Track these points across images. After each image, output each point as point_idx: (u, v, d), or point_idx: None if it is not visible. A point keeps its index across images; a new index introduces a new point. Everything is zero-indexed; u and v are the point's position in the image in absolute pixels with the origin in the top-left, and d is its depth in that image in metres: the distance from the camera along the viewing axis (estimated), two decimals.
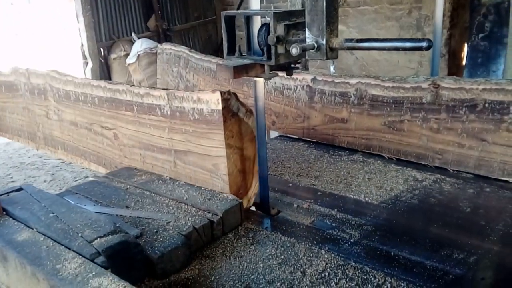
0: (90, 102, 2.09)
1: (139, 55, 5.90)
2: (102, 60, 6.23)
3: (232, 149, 1.56)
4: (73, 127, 2.30)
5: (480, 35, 4.36)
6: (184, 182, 1.76)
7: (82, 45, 5.98)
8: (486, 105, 1.79)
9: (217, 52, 7.20)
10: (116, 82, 1.91)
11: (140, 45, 6.01)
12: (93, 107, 2.09)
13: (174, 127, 1.70)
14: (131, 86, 1.82)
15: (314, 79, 2.34)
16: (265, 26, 1.35)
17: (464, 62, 4.91)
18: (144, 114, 1.80)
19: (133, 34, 6.39)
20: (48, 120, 2.49)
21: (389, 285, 1.19)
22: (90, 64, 5.93)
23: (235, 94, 1.52)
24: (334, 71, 4.52)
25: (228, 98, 1.50)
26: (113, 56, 6.24)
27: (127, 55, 6.11)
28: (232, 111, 1.53)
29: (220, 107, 1.50)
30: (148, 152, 1.86)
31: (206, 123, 1.57)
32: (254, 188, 1.65)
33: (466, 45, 4.84)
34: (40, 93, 2.48)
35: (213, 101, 1.51)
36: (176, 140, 1.72)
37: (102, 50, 6.24)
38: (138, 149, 1.90)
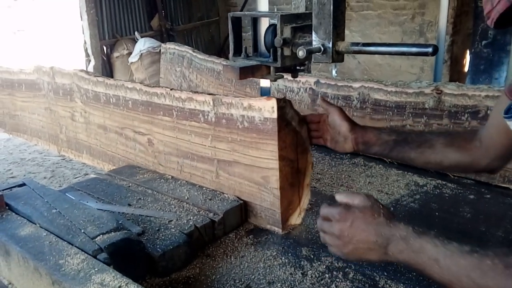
0: (123, 105, 1.97)
1: (141, 54, 5.91)
2: (105, 58, 6.24)
3: (284, 161, 1.43)
4: (102, 130, 2.16)
5: (484, 42, 4.38)
6: (186, 181, 1.77)
7: (85, 42, 6.00)
8: (489, 111, 1.80)
9: (220, 53, 7.21)
10: (153, 85, 1.80)
11: (143, 44, 6.02)
12: (125, 110, 1.96)
13: (219, 135, 1.58)
14: (171, 89, 1.70)
15: (317, 82, 2.35)
16: (271, 27, 1.36)
17: (466, 69, 4.92)
18: (185, 120, 1.68)
19: (136, 33, 6.40)
20: (73, 122, 2.37)
21: None
22: (92, 62, 5.94)
23: (289, 102, 1.43)
24: (336, 74, 4.53)
25: (283, 105, 1.40)
26: (115, 54, 6.25)
27: (129, 53, 6.13)
28: (287, 120, 1.43)
29: (275, 115, 1.38)
30: (187, 161, 1.73)
31: (257, 132, 1.46)
32: (304, 203, 1.54)
33: (468, 51, 4.85)
34: (66, 94, 2.36)
35: (267, 109, 1.41)
36: (220, 149, 1.59)
37: (105, 48, 6.26)
38: (176, 157, 1.78)
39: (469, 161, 1.27)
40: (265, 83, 1.85)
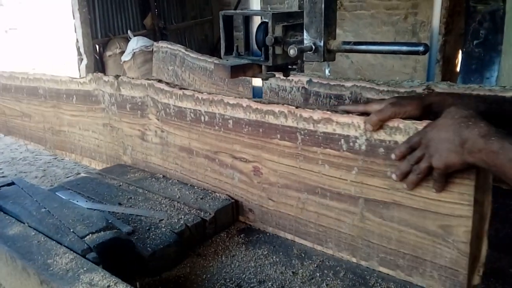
0: (220, 124, 1.58)
1: (134, 53, 5.89)
2: (97, 57, 6.21)
3: (477, 205, 1.10)
4: (185, 154, 1.74)
5: (475, 42, 4.41)
6: (177, 180, 1.75)
7: (77, 41, 5.96)
8: None
9: (213, 52, 7.20)
10: (268, 101, 1.43)
11: (136, 43, 6.00)
12: (223, 131, 1.58)
13: (370, 167, 1.22)
14: (296, 107, 1.34)
15: (309, 81, 2.35)
16: (263, 25, 1.36)
17: (458, 69, 4.95)
18: (316, 147, 1.33)
19: (129, 31, 6.38)
20: (144, 142, 1.93)
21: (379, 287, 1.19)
22: (85, 61, 5.91)
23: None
24: (329, 74, 4.53)
25: None
26: (108, 53, 6.22)
27: (122, 52, 6.10)
28: None
29: None
30: (314, 197, 1.37)
31: None
32: (483, 255, 1.18)
33: (460, 51, 4.88)
34: (135, 108, 1.92)
35: None
36: (371, 185, 1.24)
37: (97, 47, 6.23)
38: (296, 191, 1.42)
39: None
40: (257, 82, 1.85)
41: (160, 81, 1.80)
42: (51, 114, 2.55)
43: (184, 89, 1.69)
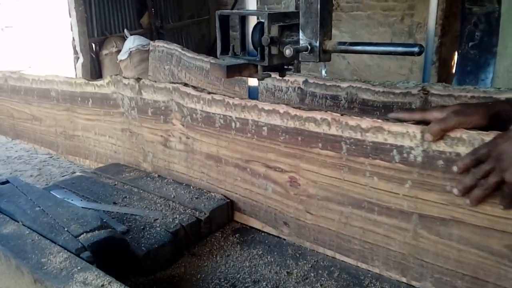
0: (253, 131, 1.49)
1: (131, 52, 5.88)
2: (94, 56, 6.19)
3: None
4: (212, 162, 1.65)
5: (470, 44, 4.42)
6: (172, 180, 1.75)
7: (73, 40, 5.94)
8: None
9: (210, 52, 7.19)
10: (309, 108, 1.35)
11: (133, 41, 5.99)
12: (256, 138, 1.48)
13: (427, 181, 1.14)
14: (341, 115, 1.26)
15: (305, 82, 2.35)
16: (259, 25, 1.36)
17: (454, 70, 4.97)
18: (364, 157, 1.24)
19: (125, 30, 6.36)
20: (166, 149, 1.82)
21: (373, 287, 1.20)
22: (81, 60, 5.90)
23: None
24: (325, 74, 4.54)
25: None
26: (104, 52, 6.21)
27: (119, 51, 6.09)
28: None
29: None
30: (359, 212, 1.29)
31: None
32: None
33: (456, 53, 4.90)
34: (158, 113, 1.82)
35: None
36: (427, 200, 1.15)
37: (93, 45, 6.21)
38: (338, 204, 1.33)
39: None
40: (253, 82, 1.85)
41: (186, 84, 1.68)
42: (64, 118, 2.43)
43: (213, 93, 1.58)
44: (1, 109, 2.99)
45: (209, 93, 1.59)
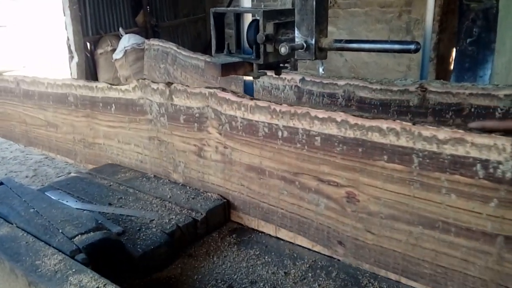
0: (303, 141, 1.35)
1: (126, 50, 5.84)
2: (88, 55, 6.15)
3: None
4: (254, 174, 1.51)
5: (468, 40, 4.41)
6: (168, 180, 1.74)
7: (68, 39, 5.90)
8: (472, 109, 1.80)
9: (206, 50, 7.17)
10: (372, 116, 1.22)
11: (128, 40, 5.95)
12: (307, 149, 1.35)
13: None
14: (413, 124, 1.15)
15: (302, 80, 2.33)
16: (254, 23, 1.34)
17: (452, 67, 4.96)
18: (440, 172, 1.11)
19: (120, 29, 6.32)
20: (200, 159, 1.68)
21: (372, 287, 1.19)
22: (75, 59, 5.85)
23: None
24: (323, 72, 4.53)
25: None
26: (99, 51, 6.17)
27: (114, 50, 6.05)
28: None
29: None
30: (432, 232, 1.15)
31: None
32: None
33: (454, 50, 4.89)
34: (191, 121, 1.67)
35: None
36: None
37: (88, 44, 6.16)
38: (407, 224, 1.19)
39: None
40: (249, 77, 1.84)
41: (224, 89, 1.52)
42: (83, 125, 2.25)
43: (256, 99, 1.45)
44: (12, 114, 2.79)
45: (252, 99, 1.46)
